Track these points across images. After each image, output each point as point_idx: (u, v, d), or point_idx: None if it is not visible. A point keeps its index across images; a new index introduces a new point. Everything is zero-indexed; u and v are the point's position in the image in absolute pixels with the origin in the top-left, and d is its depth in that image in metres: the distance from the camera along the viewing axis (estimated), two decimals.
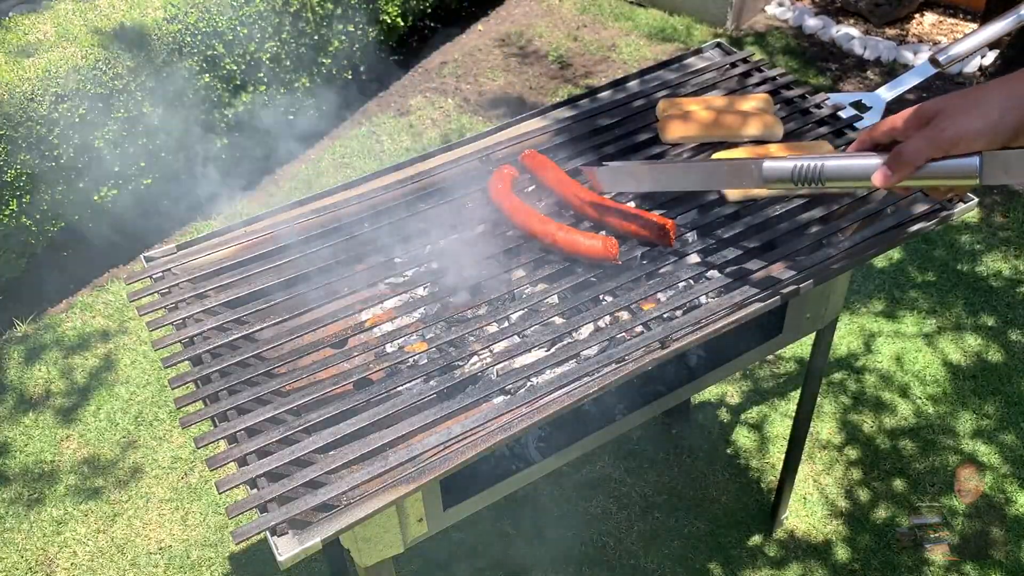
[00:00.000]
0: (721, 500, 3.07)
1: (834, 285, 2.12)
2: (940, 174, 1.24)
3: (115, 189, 3.73)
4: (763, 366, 3.50)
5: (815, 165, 1.38)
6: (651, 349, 1.66)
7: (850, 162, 1.34)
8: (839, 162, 1.35)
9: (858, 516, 3.00)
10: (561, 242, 1.80)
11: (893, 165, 1.27)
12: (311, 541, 1.40)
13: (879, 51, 5.15)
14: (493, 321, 1.72)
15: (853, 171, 1.34)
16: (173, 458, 3.25)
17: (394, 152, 4.61)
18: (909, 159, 1.25)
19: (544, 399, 1.58)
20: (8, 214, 3.40)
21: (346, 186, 2.06)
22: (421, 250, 1.91)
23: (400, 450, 1.50)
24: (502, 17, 5.73)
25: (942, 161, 1.23)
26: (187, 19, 3.73)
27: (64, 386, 3.51)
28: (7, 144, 3.28)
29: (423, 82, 5.14)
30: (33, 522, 3.06)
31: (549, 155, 2.08)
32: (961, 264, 3.84)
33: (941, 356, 3.47)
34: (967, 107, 1.21)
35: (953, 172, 1.23)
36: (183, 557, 2.95)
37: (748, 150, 2.02)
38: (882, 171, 1.28)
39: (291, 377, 1.61)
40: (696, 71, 2.35)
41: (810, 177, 1.39)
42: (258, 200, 4.34)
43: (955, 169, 1.23)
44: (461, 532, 2.99)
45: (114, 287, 3.92)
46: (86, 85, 3.45)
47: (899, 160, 1.26)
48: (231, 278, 1.83)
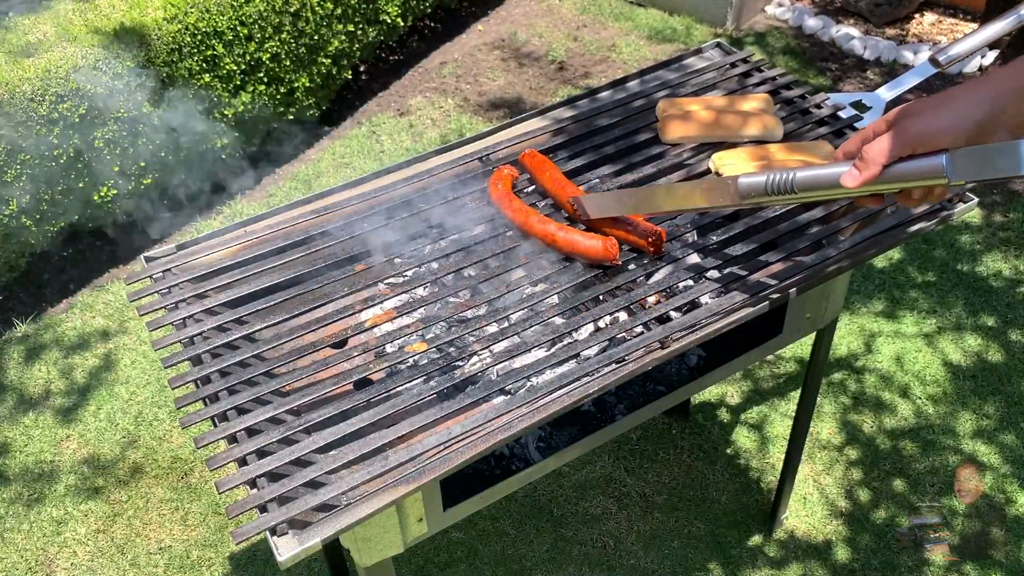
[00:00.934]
0: (721, 500, 3.08)
1: (834, 285, 2.12)
2: (908, 175, 1.25)
3: (115, 189, 3.73)
4: (763, 366, 3.50)
5: (786, 177, 1.39)
6: (651, 349, 1.66)
7: (820, 171, 1.35)
8: (809, 172, 1.37)
9: (858, 516, 3.00)
10: (561, 242, 1.80)
11: (860, 165, 1.28)
12: (311, 541, 1.40)
13: (879, 51, 5.15)
14: (493, 321, 1.72)
15: (823, 179, 1.35)
16: (173, 458, 3.25)
17: (394, 152, 4.61)
18: (875, 158, 1.25)
19: (544, 399, 1.58)
20: (8, 214, 3.40)
21: (346, 186, 2.06)
22: (421, 250, 1.91)
23: (400, 450, 1.50)
24: (502, 17, 5.73)
25: (909, 161, 1.24)
26: (187, 19, 3.73)
27: (64, 386, 3.51)
28: (7, 144, 3.28)
29: (423, 82, 5.14)
30: (33, 522, 3.06)
31: (549, 155, 2.08)
32: (961, 264, 3.84)
33: (941, 356, 3.48)
34: (933, 106, 1.22)
35: (920, 172, 1.23)
36: (183, 557, 2.95)
37: (748, 150, 2.02)
38: (850, 172, 1.29)
39: (291, 377, 1.61)
40: (696, 71, 2.35)
41: (783, 188, 1.41)
42: (258, 200, 4.34)
43: (923, 169, 1.23)
44: (461, 532, 2.99)
45: (114, 287, 3.92)
46: (86, 85, 3.45)
47: (865, 159, 1.27)
48: (231, 278, 1.83)
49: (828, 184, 1.35)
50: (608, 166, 2.07)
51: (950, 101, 1.21)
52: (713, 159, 2.03)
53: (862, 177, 1.27)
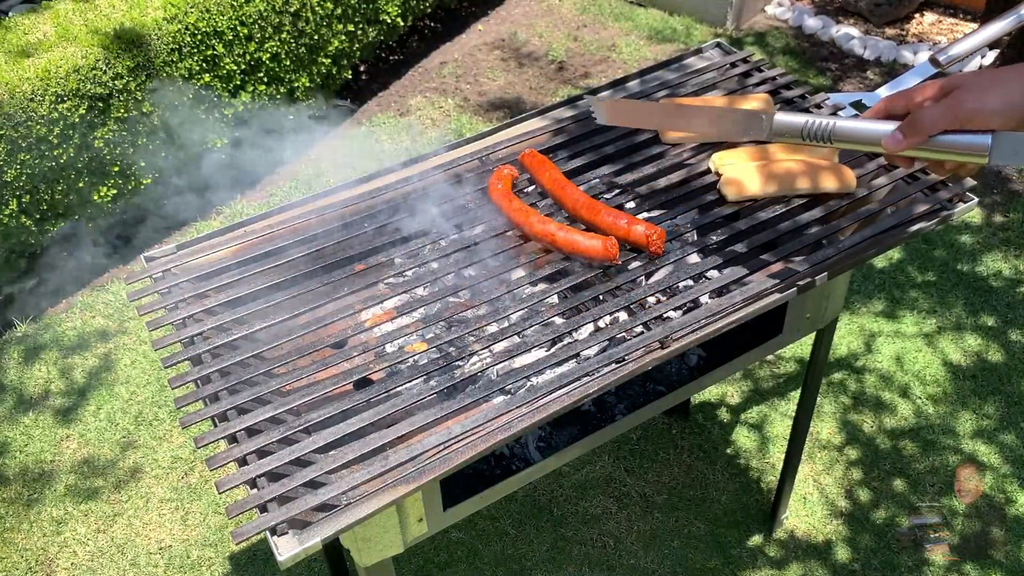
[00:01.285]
0: (721, 500, 3.08)
1: (834, 285, 2.12)
2: (951, 148, 1.25)
3: (115, 189, 3.73)
4: (763, 366, 3.50)
5: (826, 124, 1.37)
6: (651, 349, 1.66)
7: (862, 125, 1.34)
8: (850, 124, 1.35)
9: (858, 516, 3.00)
10: (561, 242, 1.80)
11: (907, 130, 1.27)
12: (311, 541, 1.40)
13: (879, 51, 5.15)
14: (493, 321, 1.72)
15: (863, 134, 1.34)
16: (173, 458, 3.25)
17: (394, 152, 4.61)
18: (924, 126, 1.25)
19: (544, 399, 1.58)
20: (8, 214, 3.40)
21: (346, 186, 2.06)
22: (421, 250, 1.91)
23: (400, 450, 1.50)
24: (502, 17, 5.73)
25: (954, 135, 1.24)
26: (187, 19, 3.73)
27: (64, 386, 3.51)
28: (7, 144, 3.28)
29: (423, 82, 5.15)
30: (33, 522, 3.06)
31: (549, 155, 2.08)
32: (961, 264, 3.84)
33: (941, 356, 3.48)
34: (988, 84, 1.22)
35: (964, 147, 1.24)
36: (183, 557, 2.95)
37: (748, 150, 2.02)
38: (894, 135, 1.29)
39: (291, 377, 1.61)
40: (696, 71, 2.35)
41: (819, 135, 1.38)
42: (258, 200, 4.34)
43: (967, 145, 1.24)
44: (461, 532, 2.99)
45: (114, 287, 3.92)
46: (86, 85, 3.45)
47: (914, 126, 1.26)
48: (231, 278, 1.83)
49: (867, 140, 1.34)
50: (608, 166, 2.07)
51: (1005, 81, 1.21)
52: (713, 159, 2.03)
53: (907, 143, 1.27)
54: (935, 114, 1.24)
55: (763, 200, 1.94)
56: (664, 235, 1.80)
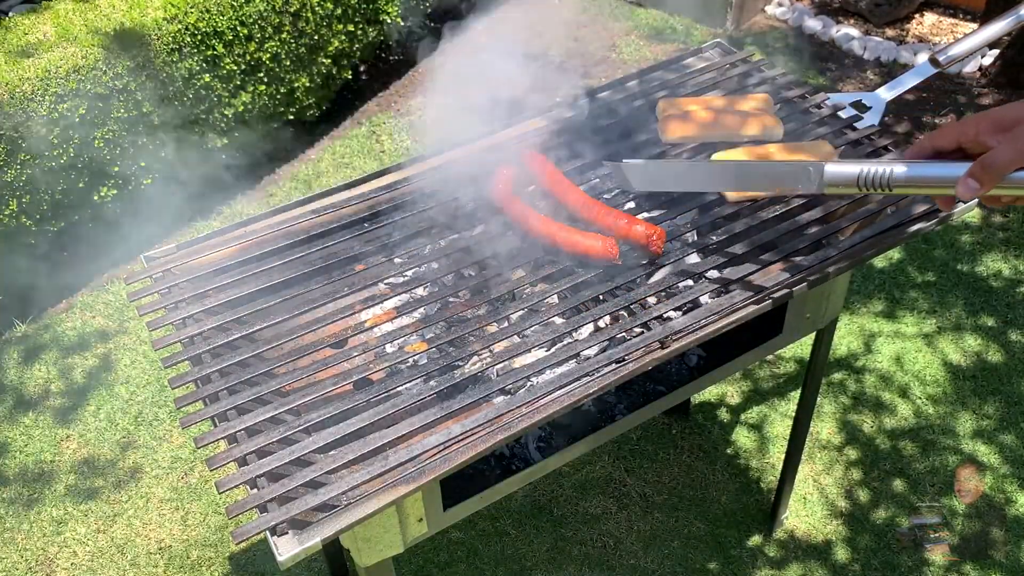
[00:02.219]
0: (721, 500, 3.07)
1: (834, 285, 2.12)
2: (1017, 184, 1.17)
3: (115, 189, 3.73)
4: (763, 366, 3.50)
5: (883, 172, 1.29)
6: (651, 349, 1.65)
7: (924, 170, 1.26)
8: (910, 170, 1.28)
9: (858, 516, 3.00)
10: (561, 242, 1.80)
11: (980, 176, 1.18)
12: (311, 541, 1.40)
13: (879, 51, 5.15)
14: (493, 321, 1.72)
15: (928, 179, 1.26)
16: (173, 458, 3.24)
17: (394, 152, 4.61)
18: (998, 169, 1.16)
19: (544, 399, 1.58)
20: (8, 214, 3.40)
21: (346, 186, 2.06)
22: (421, 250, 1.91)
23: (400, 450, 1.50)
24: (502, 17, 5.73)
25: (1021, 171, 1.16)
26: (187, 19, 3.73)
27: (64, 386, 3.51)
28: (7, 144, 3.28)
29: (423, 82, 5.14)
30: (33, 522, 3.06)
31: (549, 155, 2.08)
32: (961, 264, 3.84)
33: (941, 356, 3.47)
34: None
35: None
36: (183, 557, 2.95)
37: (747, 150, 2.02)
38: (968, 184, 1.19)
39: (291, 377, 1.61)
40: (696, 71, 2.35)
41: (877, 184, 1.31)
42: (258, 200, 4.34)
43: None
44: (461, 532, 2.99)
45: (114, 287, 3.92)
46: (86, 85, 3.45)
47: (988, 170, 1.17)
48: (231, 278, 1.83)
49: (932, 185, 1.26)
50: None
51: None
52: (713, 159, 2.03)
53: (983, 189, 1.18)
54: (1007, 156, 1.15)
55: (763, 200, 1.94)
56: (664, 235, 1.80)
